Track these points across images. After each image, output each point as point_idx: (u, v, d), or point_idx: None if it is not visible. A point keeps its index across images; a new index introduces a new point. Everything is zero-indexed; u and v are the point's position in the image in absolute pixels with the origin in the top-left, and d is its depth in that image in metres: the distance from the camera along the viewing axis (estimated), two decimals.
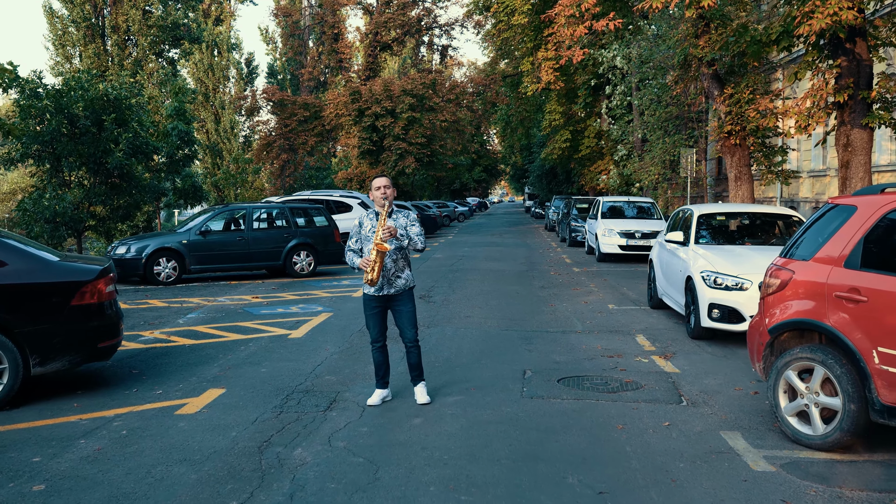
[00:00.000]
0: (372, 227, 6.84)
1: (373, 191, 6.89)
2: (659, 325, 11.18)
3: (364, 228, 6.93)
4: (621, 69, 29.11)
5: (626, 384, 7.70)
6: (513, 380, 7.91)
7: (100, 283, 7.43)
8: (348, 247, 7.03)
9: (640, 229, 21.60)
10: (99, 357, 7.57)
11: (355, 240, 6.99)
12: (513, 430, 6.25)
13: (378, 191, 6.83)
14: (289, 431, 6.24)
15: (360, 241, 6.94)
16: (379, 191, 6.82)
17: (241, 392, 7.51)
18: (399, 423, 6.46)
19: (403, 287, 6.94)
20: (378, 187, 6.84)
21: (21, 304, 7.03)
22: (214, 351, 9.49)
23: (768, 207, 12.11)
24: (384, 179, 6.89)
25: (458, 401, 7.14)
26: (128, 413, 6.82)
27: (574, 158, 43.49)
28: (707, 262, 9.93)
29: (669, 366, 8.56)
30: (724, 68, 20.07)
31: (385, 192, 6.81)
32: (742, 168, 19.91)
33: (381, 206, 6.78)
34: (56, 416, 6.77)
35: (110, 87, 22.43)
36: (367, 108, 38.38)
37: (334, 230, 18.49)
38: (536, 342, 9.93)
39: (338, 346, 9.68)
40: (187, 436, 6.15)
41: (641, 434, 6.15)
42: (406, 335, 6.99)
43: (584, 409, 6.83)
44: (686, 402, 7.10)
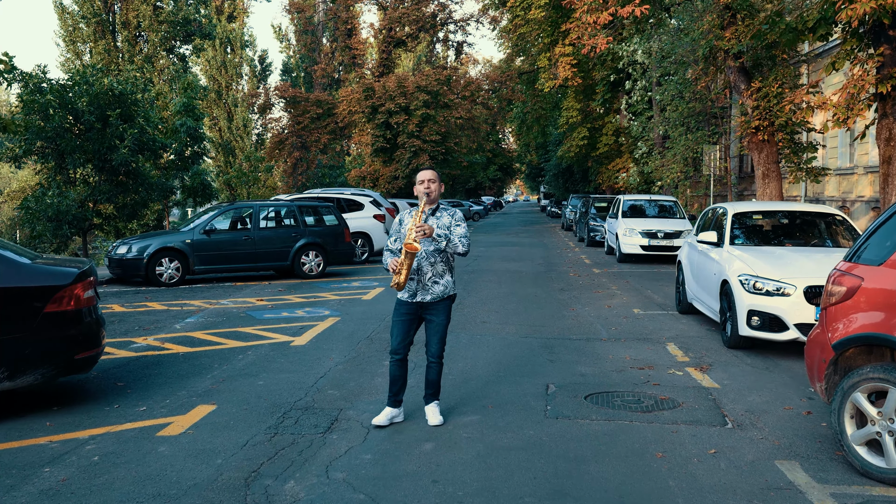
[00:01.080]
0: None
1: (416, 185, 6.14)
2: (690, 333, 10.36)
3: (404, 226, 6.16)
4: (642, 64, 28.22)
5: (661, 402, 6.90)
6: (535, 396, 7.13)
7: (77, 287, 6.69)
8: (386, 246, 6.28)
9: (662, 229, 20.75)
10: (76, 370, 6.84)
11: (394, 238, 6.21)
12: (537, 458, 5.47)
13: (421, 185, 6.07)
14: (282, 459, 5.48)
15: (400, 240, 6.17)
16: (422, 185, 6.06)
17: (233, 409, 6.76)
18: (407, 449, 5.69)
19: (441, 295, 6.17)
20: (421, 181, 6.08)
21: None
22: (210, 360, 8.75)
23: (808, 206, 11.26)
24: (429, 172, 6.11)
25: (474, 421, 6.36)
26: (104, 434, 6.09)
27: (591, 156, 42.61)
28: (745, 265, 9.11)
29: (707, 380, 7.74)
30: (751, 61, 19.21)
31: (429, 186, 6.04)
32: (770, 165, 19.06)
33: (428, 202, 6.04)
34: (25, 436, 6.04)
35: (115, 82, 21.79)
36: (381, 105, 37.64)
37: (345, 229, 17.74)
38: (559, 351, 9.14)
39: (343, 356, 8.93)
40: (166, 464, 5.40)
41: (685, 464, 5.35)
42: (431, 348, 6.23)
43: (616, 433, 6.04)
44: (731, 423, 6.29)
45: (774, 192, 18.89)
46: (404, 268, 5.92)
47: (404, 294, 6.18)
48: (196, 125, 27.35)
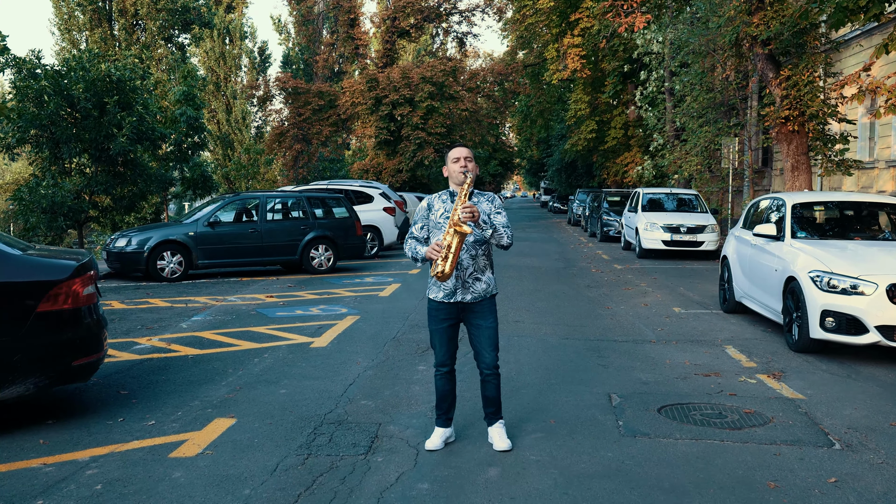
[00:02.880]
0: (446, 211, 5.11)
1: (449, 164, 5.17)
2: (746, 335, 9.47)
3: (434, 213, 5.19)
4: (658, 54, 27.31)
5: (747, 416, 6.01)
6: (599, 408, 6.23)
7: (75, 283, 5.77)
8: (410, 234, 5.29)
9: (684, 223, 19.85)
10: (74, 378, 5.93)
11: (420, 226, 5.25)
12: (627, 489, 4.58)
13: (456, 163, 5.11)
14: (322, 489, 4.58)
15: (428, 227, 5.22)
16: (457, 163, 5.10)
17: (256, 423, 5.86)
18: (469, 477, 4.79)
19: (484, 294, 5.20)
20: (456, 159, 5.12)
21: None
22: (222, 364, 7.84)
23: (872, 196, 10.38)
24: (464, 150, 5.15)
25: (538, 440, 5.46)
26: (108, 455, 5.18)
27: (599, 150, 41.68)
28: (816, 260, 8.21)
29: (787, 389, 6.85)
30: (781, 48, 18.33)
31: (465, 164, 5.08)
32: (800, 157, 18.20)
33: (460, 183, 5.09)
34: (15, 458, 5.13)
35: (113, 68, 20.83)
36: (385, 97, 36.69)
37: (355, 222, 16.80)
38: (608, 355, 8.25)
39: (371, 359, 8.02)
40: (183, 495, 4.50)
41: (806, 497, 4.46)
42: (484, 359, 5.24)
43: (709, 456, 5.14)
44: (839, 444, 5.39)
45: (804, 186, 18.02)
46: (452, 253, 4.90)
47: (439, 293, 5.21)
48: (196, 115, 26.42)
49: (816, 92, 17.37)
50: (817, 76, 17.97)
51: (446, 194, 5.24)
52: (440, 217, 5.16)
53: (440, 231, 5.12)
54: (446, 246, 4.92)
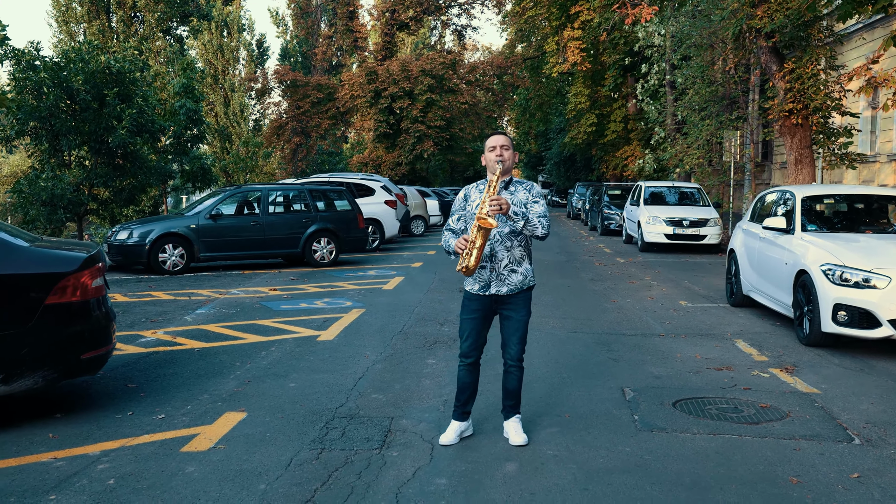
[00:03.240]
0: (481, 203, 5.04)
1: (486, 152, 5.07)
2: (755, 328, 9.41)
3: (471, 203, 5.09)
4: (659, 46, 27.20)
5: (763, 411, 5.95)
6: (614, 402, 6.16)
7: (84, 275, 5.69)
8: (447, 226, 5.23)
9: (687, 217, 19.79)
10: (82, 371, 5.85)
11: (457, 217, 5.18)
12: (647, 484, 4.51)
13: (492, 151, 4.99)
14: (338, 484, 4.51)
15: (465, 219, 5.14)
16: (493, 151, 4.99)
17: (267, 417, 5.78)
18: (487, 472, 4.72)
19: (519, 286, 5.11)
20: (492, 147, 5.00)
21: None
22: (229, 357, 7.76)
23: (882, 189, 10.32)
24: (501, 137, 5.04)
25: (554, 434, 5.39)
26: (119, 450, 5.10)
27: (598, 144, 41.59)
28: (828, 254, 8.15)
29: (801, 383, 6.79)
30: (785, 40, 18.24)
31: (501, 153, 4.96)
32: (803, 150, 18.13)
33: (494, 173, 4.98)
34: (24, 452, 5.05)
35: (112, 60, 20.70)
36: (384, 90, 36.55)
37: (358, 215, 16.71)
38: (618, 349, 8.18)
39: (379, 353, 7.95)
40: (198, 490, 4.43)
41: (830, 493, 4.40)
42: (510, 350, 5.16)
43: (729, 450, 5.08)
44: (858, 439, 5.33)
45: (807, 179, 17.97)
46: (476, 248, 4.84)
47: (474, 285, 5.15)
48: (196, 107, 26.30)
49: (820, 85, 17.30)
50: (821, 69, 17.89)
51: (483, 184, 5.16)
52: (475, 207, 5.06)
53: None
54: (471, 241, 4.84)
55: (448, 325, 9.51)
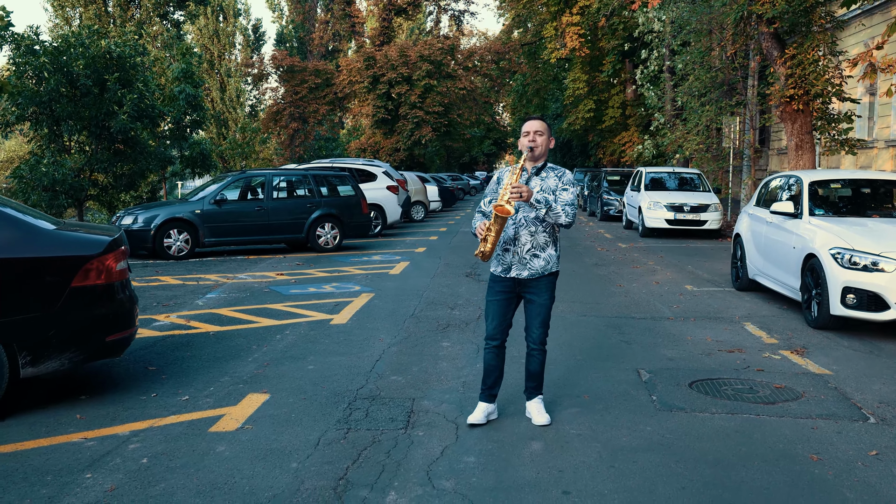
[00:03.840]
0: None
1: (521, 137, 5.11)
2: (763, 312, 9.51)
3: (503, 186, 5.13)
4: (659, 32, 27.22)
5: (778, 391, 6.04)
6: (631, 384, 6.25)
7: (109, 258, 5.74)
8: (479, 208, 5.28)
9: (688, 202, 19.88)
10: (107, 353, 5.91)
11: (489, 199, 5.20)
12: (672, 462, 4.60)
13: (525, 137, 5.03)
14: (368, 462, 4.59)
15: (495, 201, 5.16)
16: (526, 136, 5.03)
17: (290, 399, 5.86)
18: (514, 450, 4.81)
19: (542, 271, 5.14)
20: (526, 132, 5.04)
21: (6, 285, 5.35)
22: (245, 341, 7.83)
23: (887, 174, 10.40)
24: (537, 122, 5.08)
25: (575, 415, 5.48)
26: (147, 430, 5.17)
27: (596, 130, 41.61)
28: (836, 238, 8.24)
29: (812, 365, 6.89)
30: (787, 26, 18.27)
31: (534, 138, 5.00)
32: (804, 136, 18.21)
33: (531, 159, 5.04)
34: (54, 433, 5.12)
35: (113, 45, 20.64)
36: (382, 75, 36.50)
37: (361, 200, 16.76)
38: (629, 332, 8.28)
39: (393, 336, 8.02)
40: (232, 468, 4.50)
41: (850, 470, 4.50)
42: (532, 334, 5.23)
43: (748, 429, 5.18)
44: (873, 418, 5.43)
45: (808, 164, 18.05)
46: (492, 234, 4.92)
47: (497, 267, 5.21)
48: (195, 93, 26.23)
49: (821, 71, 17.36)
50: (822, 55, 17.95)
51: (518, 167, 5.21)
52: None
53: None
54: (487, 227, 4.92)
55: (458, 308, 9.59)
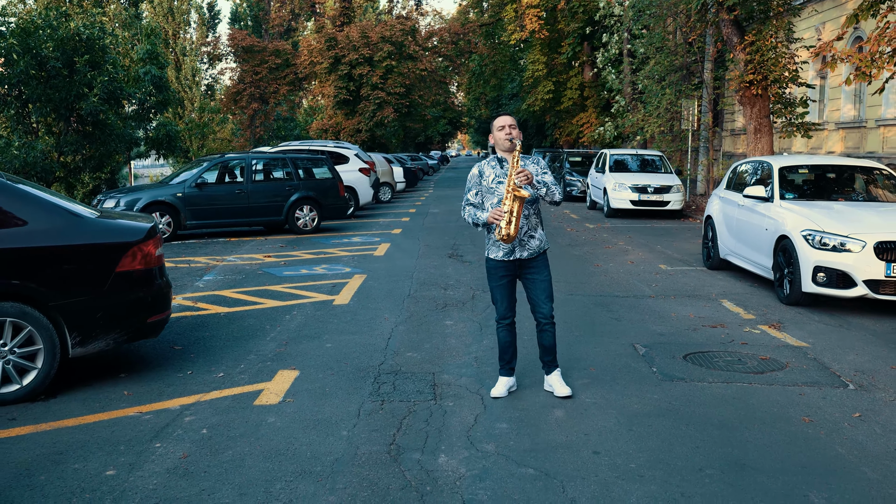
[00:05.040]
0: (497, 176, 5.56)
1: (494, 132, 5.60)
2: (736, 289, 10.16)
3: (486, 178, 5.62)
4: (619, 16, 27.84)
5: (764, 362, 6.65)
6: (630, 357, 6.81)
7: (149, 244, 6.12)
8: (467, 200, 5.74)
9: (651, 183, 20.57)
10: (147, 334, 6.29)
11: (475, 192, 5.68)
12: (682, 425, 5.16)
13: (501, 131, 5.54)
14: (411, 429, 5.06)
15: (482, 193, 5.66)
16: (502, 131, 5.54)
17: (319, 374, 6.30)
18: (539, 417, 5.32)
19: (538, 250, 5.66)
20: (501, 127, 5.55)
21: (54, 271, 5.69)
22: (256, 321, 8.23)
23: (852, 160, 11.10)
24: (508, 118, 5.59)
25: (586, 385, 6.01)
26: (195, 404, 5.58)
27: (554, 111, 42.23)
28: (807, 220, 8.89)
29: (790, 338, 7.52)
30: (745, 13, 18.97)
31: (510, 132, 5.51)
32: (762, 119, 18.95)
33: (508, 150, 5.54)
34: (108, 408, 5.50)
35: (82, 26, 20.61)
36: (344, 56, 36.61)
37: (338, 182, 17.11)
38: (617, 310, 8.84)
39: (397, 316, 8.48)
40: (288, 436, 4.94)
41: (839, 430, 5.10)
42: (541, 310, 5.72)
43: (744, 396, 5.76)
44: (852, 385, 6.06)
45: (766, 147, 18.81)
46: (514, 217, 5.36)
47: (498, 252, 5.66)
48: (161, 74, 26.20)
49: (779, 57, 18.10)
50: (779, 42, 18.70)
51: (494, 160, 5.67)
52: (492, 182, 5.60)
53: (492, 195, 5.57)
54: (508, 211, 5.38)
55: (451, 289, 10.07)
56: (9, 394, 5.55)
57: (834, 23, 22.70)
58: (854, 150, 21.66)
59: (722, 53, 23.10)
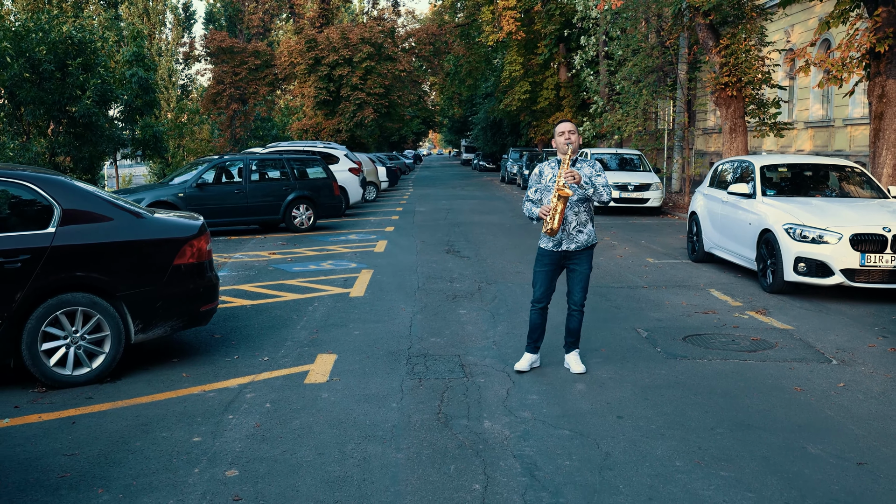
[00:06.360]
0: (553, 176, 6.26)
1: (556, 137, 6.30)
2: (722, 280, 10.91)
3: (545, 177, 6.34)
4: (596, 18, 28.63)
5: (755, 343, 7.38)
6: (635, 339, 7.52)
7: (201, 239, 6.72)
8: (527, 196, 6.46)
9: (631, 181, 21.36)
10: (199, 321, 6.88)
11: (534, 189, 6.40)
12: (691, 395, 5.85)
13: (561, 136, 6.23)
14: (453, 401, 5.70)
15: (540, 191, 6.35)
16: (562, 136, 6.22)
17: (356, 357, 6.92)
18: (564, 390, 5.99)
19: (585, 243, 6.35)
20: (561, 132, 6.24)
21: (122, 264, 6.27)
22: (283, 312, 8.82)
23: (828, 159, 11.90)
24: (569, 125, 6.28)
25: (600, 363, 6.70)
26: (251, 383, 6.18)
27: (530, 110, 43.01)
28: (788, 215, 9.65)
29: (776, 322, 8.27)
30: (720, 18, 19.80)
31: (569, 137, 6.19)
32: (737, 120, 19.80)
33: (564, 153, 6.20)
34: (173, 388, 6.08)
35: (74, 30, 20.99)
36: (324, 57, 37.09)
37: (333, 182, 17.68)
38: (614, 299, 9.55)
39: (412, 307, 9.11)
40: (344, 409, 5.56)
41: (827, 397, 5.82)
42: (575, 297, 6.43)
43: (741, 371, 6.47)
44: (835, 360, 6.80)
45: (741, 146, 19.66)
46: (558, 213, 6.06)
47: (549, 243, 6.37)
48: (147, 76, 26.56)
49: (752, 60, 18.96)
50: (753, 45, 19.56)
51: (554, 161, 6.39)
52: (549, 181, 6.32)
53: (549, 192, 6.26)
54: (553, 207, 6.07)
55: (456, 282, 10.72)
56: (80, 376, 6.12)
57: (802, 25, 23.67)
58: (822, 148, 22.62)
59: (696, 55, 23.95)
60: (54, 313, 5.99)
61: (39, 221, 6.08)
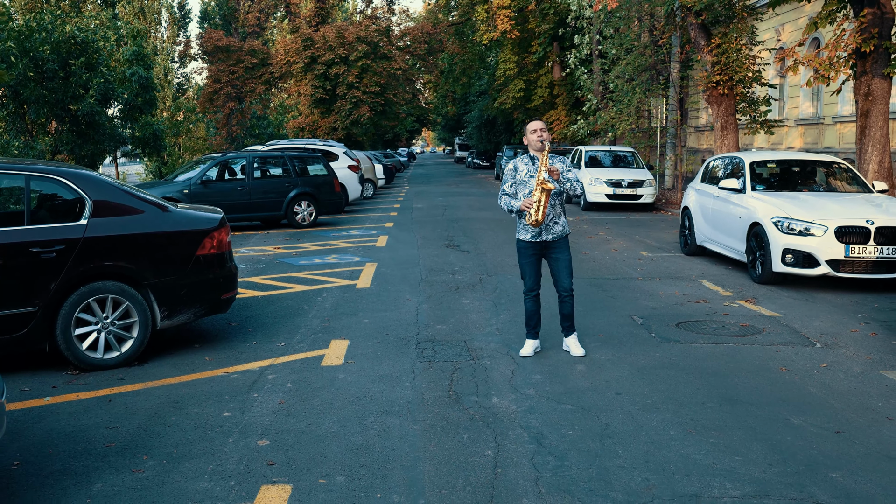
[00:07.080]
0: (529, 171, 6.67)
1: (528, 135, 6.70)
2: (713, 272, 11.34)
3: (519, 173, 6.74)
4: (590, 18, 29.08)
5: (744, 328, 7.81)
6: (630, 326, 7.94)
7: (222, 231, 7.12)
8: (503, 191, 6.85)
9: (625, 178, 21.79)
10: (220, 309, 7.28)
11: (510, 184, 6.79)
12: (683, 374, 6.28)
13: (534, 134, 6.65)
14: (462, 381, 6.12)
15: (515, 185, 6.76)
16: (535, 134, 6.64)
17: (367, 342, 7.32)
18: (565, 370, 6.41)
19: (561, 234, 6.78)
20: (533, 130, 6.66)
21: (149, 254, 6.67)
22: (294, 302, 9.22)
23: (814, 155, 12.34)
24: (539, 123, 6.72)
25: (598, 347, 7.12)
26: (271, 366, 6.58)
27: (524, 108, 43.44)
28: (777, 209, 10.09)
29: (764, 310, 8.70)
30: (711, 17, 20.25)
31: (541, 134, 6.62)
32: (728, 118, 20.24)
33: (540, 150, 6.62)
34: (197, 370, 6.48)
35: (77, 30, 21.33)
36: (320, 56, 37.44)
37: (334, 179, 18.08)
38: (609, 289, 9.97)
39: (417, 297, 9.51)
40: (362, 387, 5.97)
41: (811, 375, 6.25)
42: (562, 284, 6.84)
43: (731, 353, 6.90)
44: (819, 344, 7.24)
45: (732, 143, 20.09)
46: (542, 205, 6.47)
47: (527, 235, 6.76)
48: (147, 74, 26.91)
49: (743, 59, 19.41)
50: (744, 44, 20.01)
51: (527, 157, 6.79)
52: (524, 176, 6.70)
53: (525, 187, 6.66)
54: (536, 201, 6.47)
55: (458, 274, 11.13)
56: (111, 359, 6.51)
57: (792, 24, 24.14)
58: (812, 145, 23.09)
59: (688, 54, 24.40)
60: (87, 300, 6.39)
61: (72, 214, 6.48)
